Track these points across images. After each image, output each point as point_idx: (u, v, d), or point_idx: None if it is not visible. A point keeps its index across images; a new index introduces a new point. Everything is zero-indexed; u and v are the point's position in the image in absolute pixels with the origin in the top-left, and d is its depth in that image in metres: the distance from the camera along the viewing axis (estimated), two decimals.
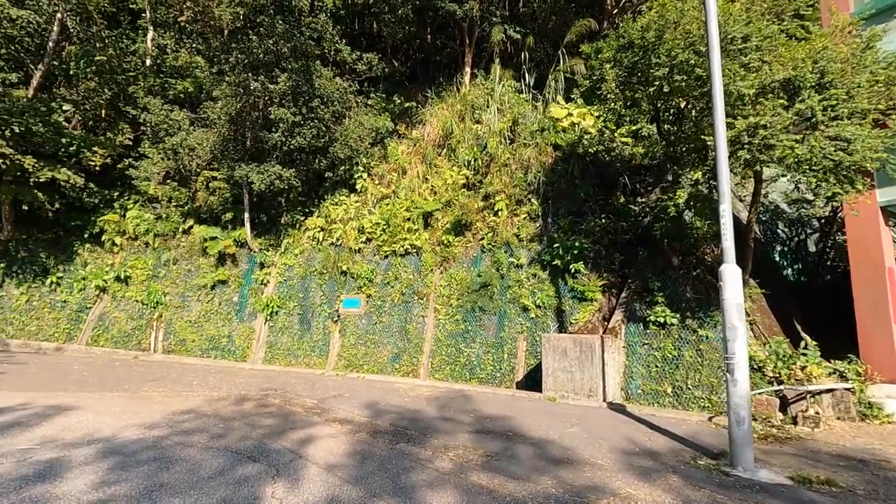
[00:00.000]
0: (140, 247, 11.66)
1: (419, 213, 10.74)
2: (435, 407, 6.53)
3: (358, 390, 7.63)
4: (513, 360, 8.72)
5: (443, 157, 11.78)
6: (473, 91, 12.40)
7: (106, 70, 11.93)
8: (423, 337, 9.69)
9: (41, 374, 7.44)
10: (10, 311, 10.64)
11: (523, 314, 8.98)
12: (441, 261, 10.24)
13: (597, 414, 6.41)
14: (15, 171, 9.54)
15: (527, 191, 10.10)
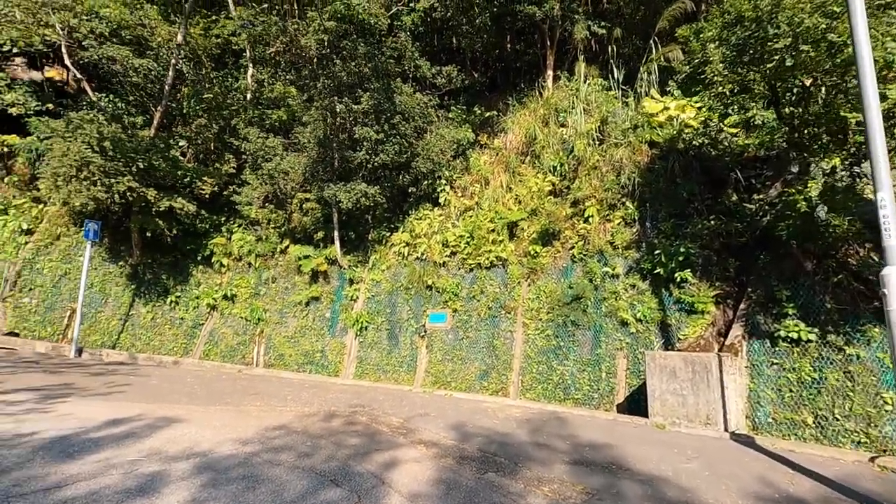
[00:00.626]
0: (244, 267, 12.53)
1: (503, 223, 10.38)
2: (526, 430, 6.06)
3: (445, 409, 7.37)
4: (612, 380, 7.95)
5: (526, 164, 11.35)
6: (557, 94, 11.87)
7: (213, 107, 13.15)
8: (511, 353, 9.24)
9: (159, 386, 8.11)
10: (139, 327, 11.93)
11: (622, 329, 8.19)
12: (528, 272, 9.75)
13: (718, 446, 5.52)
14: (140, 203, 10.73)
15: (620, 194, 9.32)
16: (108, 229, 11.98)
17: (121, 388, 7.68)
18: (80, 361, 10.02)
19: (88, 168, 9.74)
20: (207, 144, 13.34)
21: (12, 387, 7.10)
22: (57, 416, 5.80)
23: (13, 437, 4.86)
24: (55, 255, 12.50)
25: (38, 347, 10.70)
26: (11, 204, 13.20)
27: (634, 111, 10.10)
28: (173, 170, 11.70)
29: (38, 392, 6.90)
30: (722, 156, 8.42)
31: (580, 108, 10.52)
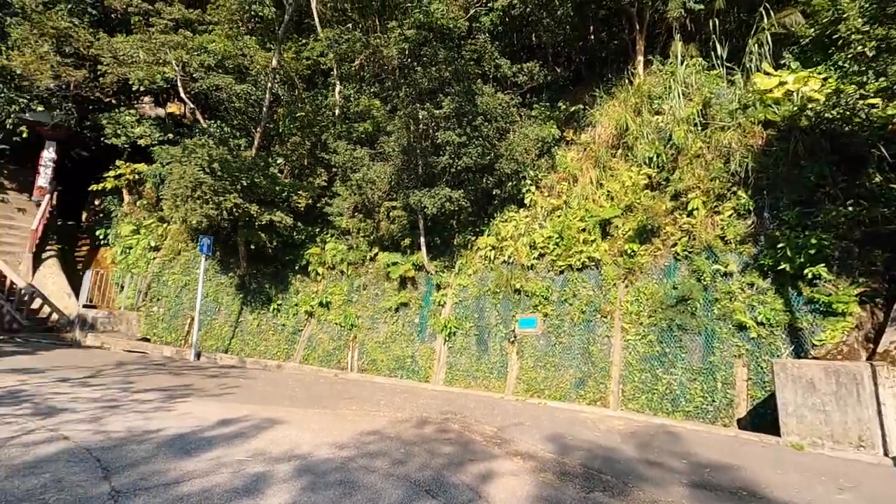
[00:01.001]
0: (337, 275, 13.08)
1: (595, 221, 9.78)
2: (633, 445, 5.52)
3: (540, 418, 7.00)
4: (729, 392, 7.08)
5: (618, 157, 10.64)
6: (649, 80, 11.02)
7: (305, 124, 13.94)
8: (609, 360, 8.62)
9: (264, 389, 8.62)
10: (246, 333, 12.90)
11: (739, 333, 7.28)
12: (625, 273, 9.08)
13: (878, 474, 4.62)
14: (245, 217, 11.61)
15: (730, 183, 8.37)
16: (220, 244, 13.12)
17: (231, 390, 8.25)
18: (198, 364, 11.01)
19: (201, 188, 10.74)
20: (301, 160, 14.17)
21: (144, 387, 7.91)
22: (178, 414, 6.31)
23: (142, 434, 5.34)
24: (177, 268, 13.97)
25: (165, 351, 11.97)
26: (142, 224, 15.00)
27: (743, 90, 9.04)
28: (272, 186, 12.54)
29: (164, 392, 7.61)
30: (859, 130, 7.20)
31: (678, 92, 9.64)
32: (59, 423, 5.56)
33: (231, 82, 12.09)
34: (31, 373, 8.21)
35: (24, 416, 5.74)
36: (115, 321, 12.99)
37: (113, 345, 11.94)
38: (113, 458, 4.48)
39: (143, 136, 14.17)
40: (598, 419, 7.04)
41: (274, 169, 13.42)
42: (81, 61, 13.78)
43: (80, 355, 10.60)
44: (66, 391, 7.17)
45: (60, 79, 13.47)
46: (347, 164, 11.92)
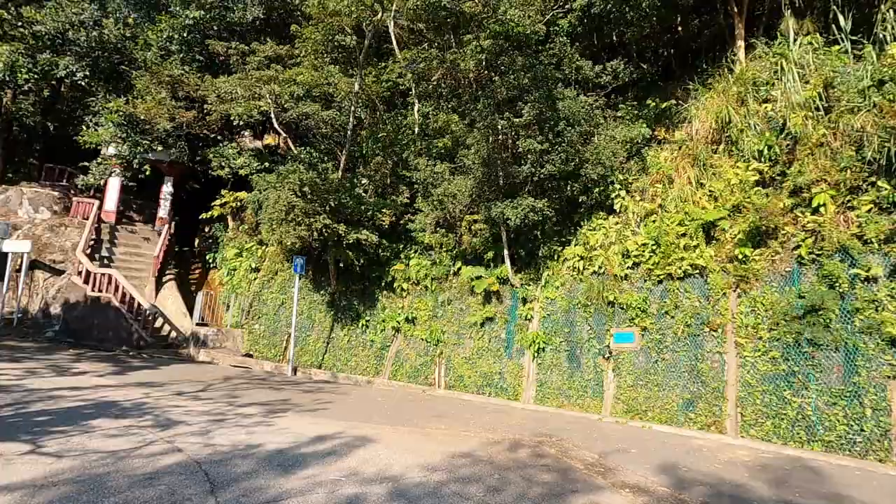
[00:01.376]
0: (421, 290, 13.16)
1: (697, 225, 8.91)
2: (766, 482, 4.77)
3: (646, 445, 6.36)
4: (883, 419, 5.98)
5: (720, 154, 9.67)
6: (753, 65, 9.95)
7: (387, 144, 14.34)
8: (723, 379, 7.70)
9: (355, 405, 8.77)
10: (338, 349, 13.36)
11: (891, 349, 6.14)
12: (736, 281, 8.13)
13: None
14: (333, 237, 12.10)
15: (865, 172, 7.21)
16: (311, 263, 13.79)
17: (325, 406, 8.48)
18: (295, 379, 11.54)
19: (293, 211, 11.37)
20: (384, 179, 14.56)
21: (247, 401, 8.38)
22: (277, 429, 6.54)
23: (245, 448, 5.56)
24: (275, 288, 14.90)
25: (265, 367, 12.72)
26: (244, 247, 16.24)
27: (876, 64, 7.79)
28: (358, 205, 12.97)
29: (264, 406, 7.98)
30: None
31: (792, 75, 8.55)
32: (174, 435, 5.97)
33: (318, 109, 12.78)
34: (153, 386, 9.04)
35: (146, 427, 6.25)
36: (222, 338, 14.10)
37: (221, 360, 12.93)
38: (219, 472, 4.66)
39: (244, 166, 15.41)
40: (715, 447, 6.25)
41: (359, 189, 13.91)
42: (191, 103, 15.37)
43: (193, 370, 11.56)
44: (180, 404, 7.77)
45: (175, 120, 15.10)
46: (428, 179, 12.01)
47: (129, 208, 19.09)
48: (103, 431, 5.93)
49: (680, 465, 5.29)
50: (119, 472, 4.58)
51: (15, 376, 8.78)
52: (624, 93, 12.28)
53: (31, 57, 16.78)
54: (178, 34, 15.42)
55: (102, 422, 6.38)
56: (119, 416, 6.76)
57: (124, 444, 5.46)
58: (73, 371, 9.81)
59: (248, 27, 16.10)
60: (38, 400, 7.27)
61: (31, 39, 17.00)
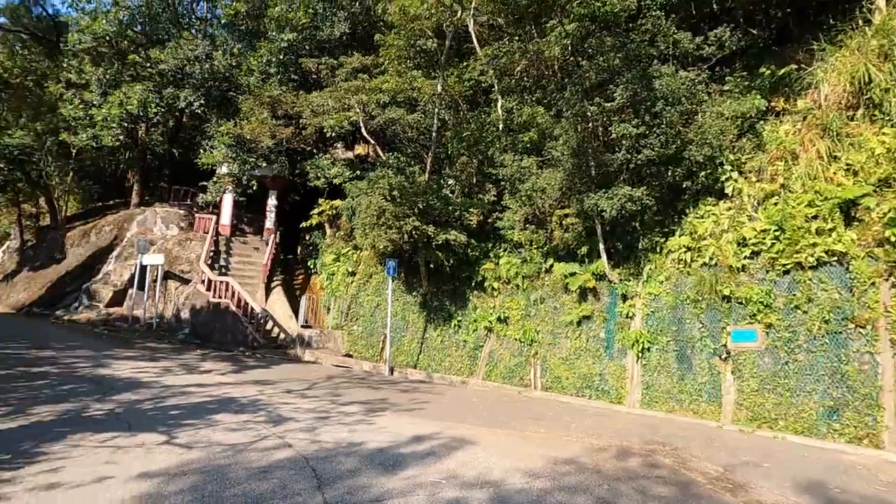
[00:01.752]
0: (513, 289, 12.90)
1: (832, 205, 7.73)
2: None
3: (780, 458, 5.57)
4: None
5: (858, 120, 8.32)
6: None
7: (471, 144, 14.28)
8: (877, 384, 6.57)
9: (451, 405, 8.76)
10: (431, 349, 13.53)
11: None
12: (889, 269, 6.90)
13: None
14: (423, 238, 12.27)
15: None
16: (403, 265, 14.12)
17: (421, 405, 8.55)
18: (392, 379, 11.86)
19: (384, 215, 11.72)
20: (470, 179, 14.52)
21: (348, 400, 8.71)
22: (377, 428, 6.69)
23: (348, 446, 5.73)
24: (370, 290, 15.48)
25: (364, 366, 13.24)
26: (341, 253, 17.10)
27: None
28: (445, 206, 13.05)
29: (364, 405, 8.24)
30: None
31: None
32: (284, 430, 6.33)
33: (403, 114, 13.08)
34: (266, 384, 9.75)
35: (260, 422, 6.70)
36: (325, 339, 14.93)
37: (324, 360, 13.68)
38: (325, 469, 4.82)
39: (337, 175, 16.24)
40: (873, 465, 5.31)
41: (446, 190, 14.01)
42: (289, 120, 16.54)
43: (299, 369, 12.34)
44: (290, 401, 8.27)
45: (275, 138, 16.34)
46: (515, 175, 11.74)
47: (241, 221, 21.01)
48: (224, 425, 6.46)
49: (829, 485, 4.53)
50: (238, 464, 4.92)
51: (154, 374, 9.94)
52: (730, 64, 11.05)
53: (158, 93, 19.12)
54: (275, 57, 16.66)
55: (224, 416, 6.95)
56: (238, 411, 7.33)
57: (242, 438, 5.87)
58: (199, 369, 10.92)
59: (336, 43, 16.96)
60: (171, 395, 8.14)
61: (158, 77, 19.39)
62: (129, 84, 19.41)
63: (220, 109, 19.37)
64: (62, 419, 6.42)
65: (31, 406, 6.88)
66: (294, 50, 16.93)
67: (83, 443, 5.52)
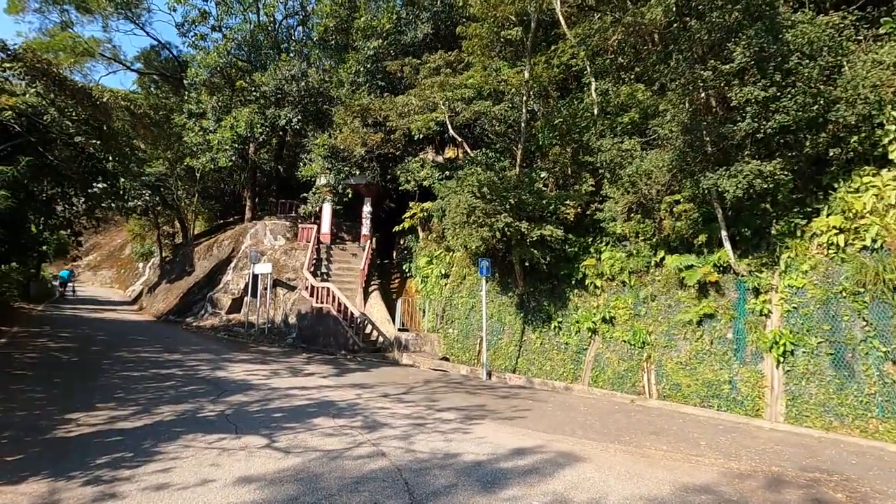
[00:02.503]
0: (618, 286, 11.81)
1: None
2: None
3: None
4: None
5: None
6: None
7: (564, 132, 13.41)
8: None
9: (554, 414, 8.07)
10: (530, 352, 12.86)
11: None
12: None
13: None
14: (517, 235, 11.69)
15: None
16: (497, 265, 13.62)
17: (522, 413, 7.98)
18: (489, 384, 11.40)
19: (474, 212, 11.34)
20: (564, 170, 13.65)
21: (444, 405, 8.41)
22: (474, 438, 6.26)
23: (444, 457, 5.36)
24: (464, 292, 15.20)
25: (461, 370, 12.95)
26: (434, 255, 17.06)
27: None
28: (538, 200, 12.35)
29: (461, 412, 7.87)
30: None
31: None
32: (379, 437, 6.15)
33: (489, 105, 12.60)
34: (364, 388, 9.80)
35: (356, 428, 6.61)
36: (421, 342, 14.92)
37: (421, 363, 13.63)
38: (419, 483, 4.49)
39: (427, 177, 16.24)
40: None
41: (538, 184, 13.30)
42: (378, 127, 16.88)
43: (397, 373, 12.36)
44: (386, 406, 8.16)
45: (366, 145, 16.76)
46: (615, 160, 10.73)
47: (339, 230, 21.96)
48: (322, 430, 6.44)
49: None
50: (331, 472, 4.77)
51: (263, 376, 10.48)
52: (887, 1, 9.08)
53: (262, 114, 20.67)
54: (362, 66, 17.13)
55: (322, 420, 6.98)
56: (335, 415, 7.34)
57: (337, 445, 5.78)
58: (304, 372, 11.35)
59: (419, 45, 17.02)
60: (277, 398, 8.43)
61: (261, 100, 20.98)
62: (237, 109, 21.24)
63: (316, 124, 20.42)
64: (180, 419, 6.85)
65: (156, 406, 7.46)
66: (380, 58, 17.29)
67: (194, 443, 5.76)
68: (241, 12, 25.26)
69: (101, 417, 6.73)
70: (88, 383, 8.81)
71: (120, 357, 11.60)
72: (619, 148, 10.52)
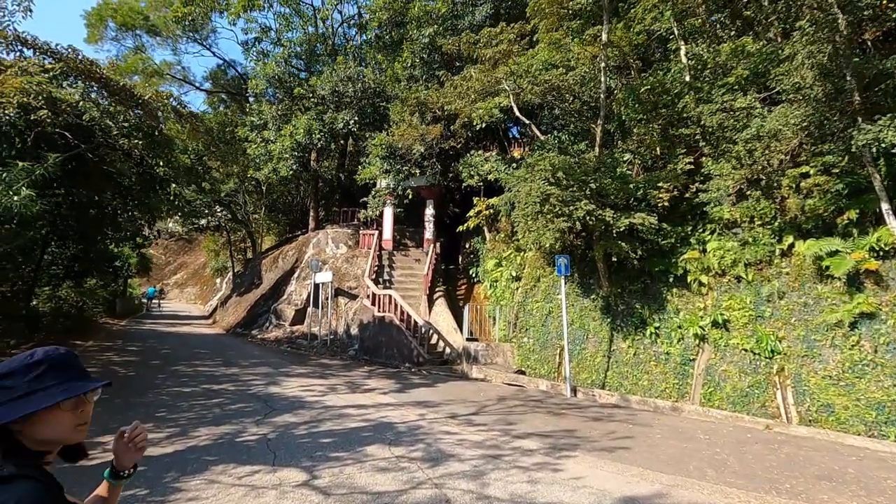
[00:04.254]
0: (730, 283, 9.83)
1: None
2: None
3: None
4: None
5: None
6: None
7: (649, 108, 11.63)
8: None
9: (668, 445, 6.42)
10: (622, 364, 11.08)
11: None
12: None
13: None
14: (600, 226, 10.08)
15: None
16: (575, 264, 12.02)
17: (623, 443, 6.41)
18: (576, 402, 9.82)
19: (549, 201, 9.90)
20: (652, 148, 11.83)
21: (524, 430, 7.01)
22: (567, 478, 4.84)
23: None
24: (538, 295, 13.67)
25: (540, 385, 11.43)
26: (503, 256, 15.70)
27: None
28: (623, 185, 10.70)
29: (545, 439, 6.44)
30: None
31: None
32: (444, 475, 4.91)
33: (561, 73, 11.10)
34: (429, 406, 8.62)
35: (416, 460, 5.40)
36: (492, 353, 13.56)
37: (493, 377, 12.27)
38: None
39: (492, 171, 14.99)
40: None
41: (622, 168, 11.60)
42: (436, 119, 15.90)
43: (467, 388, 11.09)
44: (454, 430, 6.91)
45: (426, 141, 15.81)
46: (723, 126, 8.87)
47: (402, 236, 21.20)
48: (374, 462, 5.31)
49: None
50: None
51: (319, 392, 9.63)
52: None
53: (320, 119, 20.46)
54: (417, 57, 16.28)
55: (376, 449, 5.86)
56: (392, 441, 6.21)
57: (390, 485, 4.60)
58: (363, 388, 10.39)
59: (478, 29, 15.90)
60: (328, 418, 7.45)
61: (319, 105, 20.81)
62: (296, 117, 21.22)
63: (374, 125, 19.86)
64: (216, 444, 6.01)
65: (196, 427, 6.71)
66: (436, 46, 16.34)
67: (221, 478, 4.84)
68: (300, 26, 25.59)
69: None
70: (135, 400, 8.34)
71: (176, 371, 11.29)
72: (729, 109, 8.67)
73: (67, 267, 17.92)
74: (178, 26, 26.29)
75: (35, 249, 15.36)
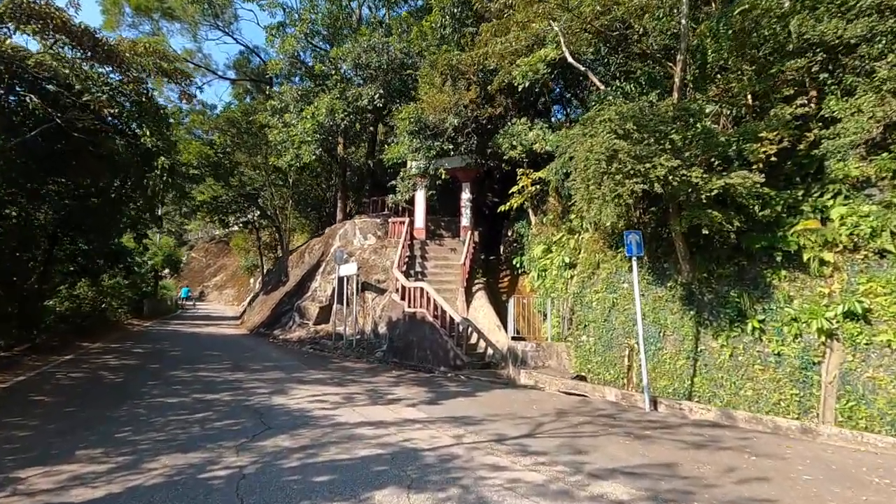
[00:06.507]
0: (868, 259, 7.52)
1: None
2: None
3: None
4: None
5: None
6: None
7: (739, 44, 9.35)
8: None
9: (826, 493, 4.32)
10: (714, 368, 8.88)
11: None
12: None
13: None
14: (686, 189, 7.94)
15: None
16: (645, 245, 9.88)
17: (759, 490, 4.39)
18: (660, 419, 7.76)
19: (617, 157, 7.84)
20: (744, 93, 9.53)
21: (601, 464, 5.07)
22: None
23: None
24: (598, 285, 11.58)
25: (607, 394, 9.39)
26: (552, 241, 13.69)
27: None
28: (710, 139, 8.52)
29: (637, 482, 4.48)
30: None
31: None
32: None
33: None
34: (467, 424, 6.80)
35: None
36: (544, 355, 11.59)
37: (547, 384, 10.32)
38: None
39: (538, 139, 12.99)
40: None
41: (706, 120, 9.40)
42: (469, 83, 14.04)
43: (515, 398, 9.22)
44: (501, 463, 5.05)
45: (458, 108, 13.97)
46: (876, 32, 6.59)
47: (436, 225, 19.49)
48: None
49: None
50: None
51: (331, 403, 7.99)
52: None
53: (343, 98, 18.99)
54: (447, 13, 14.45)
55: (389, 496, 4.09)
56: (414, 482, 4.42)
57: None
58: (386, 398, 8.69)
59: None
60: (334, 442, 5.76)
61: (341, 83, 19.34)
62: (318, 97, 19.85)
63: (401, 99, 18.20)
64: (169, 483, 4.40)
65: (156, 455, 5.14)
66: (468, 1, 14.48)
67: None
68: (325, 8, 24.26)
69: (61, 476, 4.51)
70: (105, 414, 6.92)
71: (172, 377, 9.93)
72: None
73: (81, 265, 17.16)
74: (195, 8, 25.50)
75: (40, 245, 14.55)
